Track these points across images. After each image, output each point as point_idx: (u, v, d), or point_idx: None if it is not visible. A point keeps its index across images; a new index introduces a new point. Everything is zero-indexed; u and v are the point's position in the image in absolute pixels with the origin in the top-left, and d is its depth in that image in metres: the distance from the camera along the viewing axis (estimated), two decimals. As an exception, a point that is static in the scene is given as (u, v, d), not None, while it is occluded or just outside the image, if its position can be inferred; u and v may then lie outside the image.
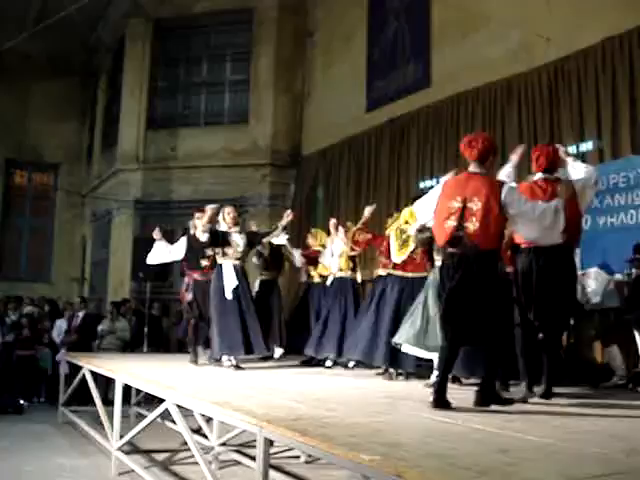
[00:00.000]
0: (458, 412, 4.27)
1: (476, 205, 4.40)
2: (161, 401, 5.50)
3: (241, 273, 7.69)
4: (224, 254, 7.64)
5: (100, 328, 11.67)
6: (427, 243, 6.48)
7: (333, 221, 9.18)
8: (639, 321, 6.67)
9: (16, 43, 12.32)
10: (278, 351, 9.02)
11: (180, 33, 16.29)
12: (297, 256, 9.49)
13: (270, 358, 8.82)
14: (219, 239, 7.68)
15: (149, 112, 16.21)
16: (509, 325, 4.83)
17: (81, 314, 11.68)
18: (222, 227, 7.79)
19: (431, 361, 6.16)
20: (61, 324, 11.94)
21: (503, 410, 4.44)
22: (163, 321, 12.72)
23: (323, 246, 9.14)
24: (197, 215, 8.18)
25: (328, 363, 8.22)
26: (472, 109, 10.58)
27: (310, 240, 9.61)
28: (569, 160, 5.44)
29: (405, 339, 6.17)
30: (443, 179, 5.08)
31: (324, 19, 14.95)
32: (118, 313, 12.13)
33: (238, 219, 8.15)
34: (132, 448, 7.06)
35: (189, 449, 5.31)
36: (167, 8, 16.13)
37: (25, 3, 15.62)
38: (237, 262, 7.69)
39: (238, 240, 7.78)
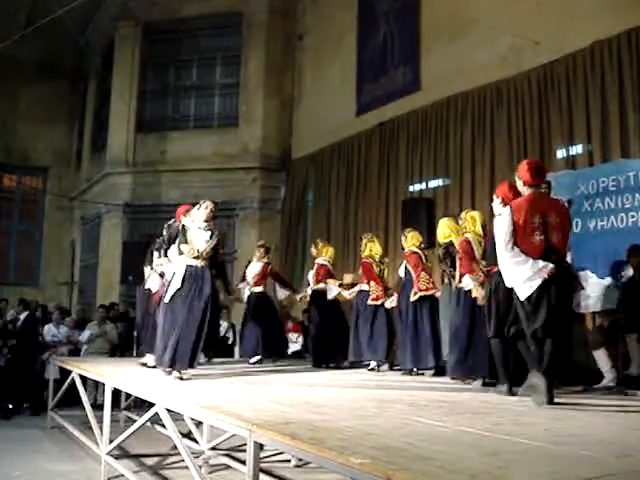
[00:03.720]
0: (448, 415, 4.28)
1: (555, 220, 5.02)
2: (151, 405, 5.48)
3: None
4: None
5: (90, 333, 11.61)
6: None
7: None
8: (631, 324, 6.68)
9: (5, 47, 12.26)
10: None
11: (169, 36, 16.28)
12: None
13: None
14: None
15: (138, 115, 16.18)
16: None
17: (22, 317, 11.52)
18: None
19: None
20: (50, 328, 11.87)
21: (493, 413, 4.44)
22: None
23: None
24: None
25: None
26: (462, 113, 10.61)
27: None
28: None
29: None
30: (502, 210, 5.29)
31: (314, 23, 14.97)
32: (107, 317, 12.09)
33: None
34: (122, 452, 7.03)
35: (179, 453, 5.28)
36: (156, 11, 16.11)
37: (14, 7, 15.56)
38: None
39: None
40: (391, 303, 8.31)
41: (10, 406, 10.17)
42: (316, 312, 9.30)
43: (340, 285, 9.21)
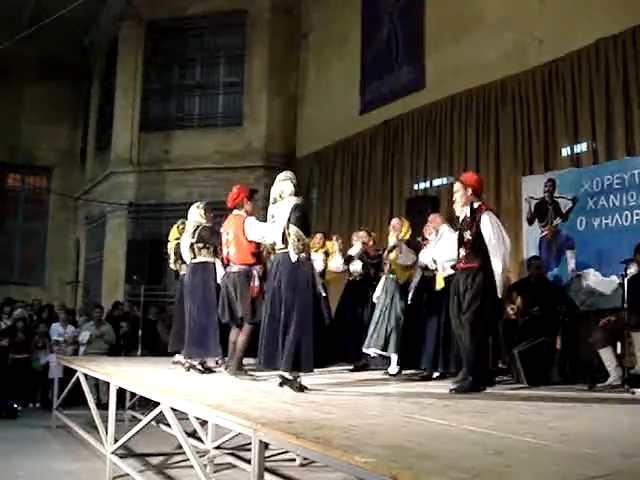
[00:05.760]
0: (452, 414, 4.27)
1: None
2: (156, 404, 5.48)
3: None
4: None
5: (89, 333, 11.63)
6: None
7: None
8: (636, 321, 6.66)
9: (9, 45, 12.28)
10: None
11: (173, 35, 16.26)
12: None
13: None
14: None
15: (142, 114, 16.19)
16: None
17: None
18: None
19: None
20: (57, 327, 11.91)
21: (497, 412, 4.44)
22: (158, 324, 12.67)
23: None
24: None
25: None
26: (466, 111, 10.59)
27: None
28: None
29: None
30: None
31: (318, 21, 14.95)
32: (109, 316, 12.16)
33: None
34: (127, 452, 7.03)
35: (184, 452, 5.29)
36: (160, 10, 16.10)
37: (18, 5, 15.59)
38: None
39: None
40: None
41: (16, 406, 10.19)
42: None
43: None
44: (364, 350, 7.71)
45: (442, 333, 7.07)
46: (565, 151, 8.98)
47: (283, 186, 6.16)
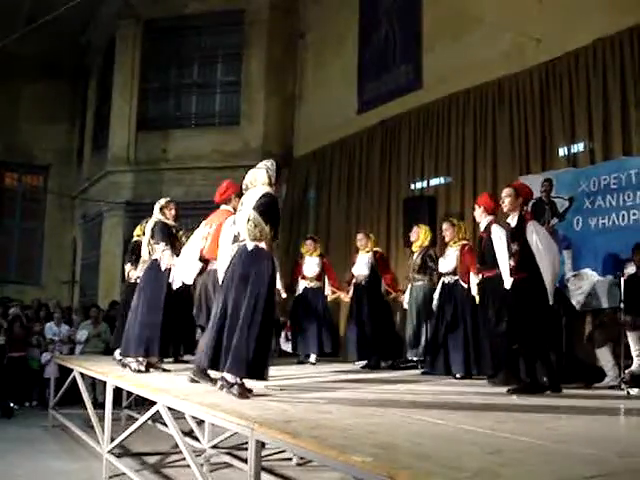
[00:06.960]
0: (450, 414, 4.27)
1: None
2: (152, 403, 5.47)
3: None
4: None
5: (87, 332, 11.62)
6: None
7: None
8: (633, 321, 6.68)
9: (6, 44, 12.24)
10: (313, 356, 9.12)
11: (171, 34, 16.24)
12: None
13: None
14: None
15: (140, 113, 16.16)
16: None
17: None
18: None
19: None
20: (51, 326, 11.90)
21: (495, 411, 4.44)
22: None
23: None
24: None
25: None
26: (463, 110, 10.59)
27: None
28: None
29: None
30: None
31: (316, 20, 14.94)
32: (105, 316, 12.16)
33: None
34: (123, 451, 7.03)
35: (180, 452, 5.28)
36: (158, 9, 16.08)
37: (15, 4, 15.54)
38: None
39: None
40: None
41: (12, 404, 10.18)
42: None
43: None
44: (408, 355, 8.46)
45: (472, 339, 7.25)
46: (562, 151, 8.98)
47: (257, 174, 5.40)
